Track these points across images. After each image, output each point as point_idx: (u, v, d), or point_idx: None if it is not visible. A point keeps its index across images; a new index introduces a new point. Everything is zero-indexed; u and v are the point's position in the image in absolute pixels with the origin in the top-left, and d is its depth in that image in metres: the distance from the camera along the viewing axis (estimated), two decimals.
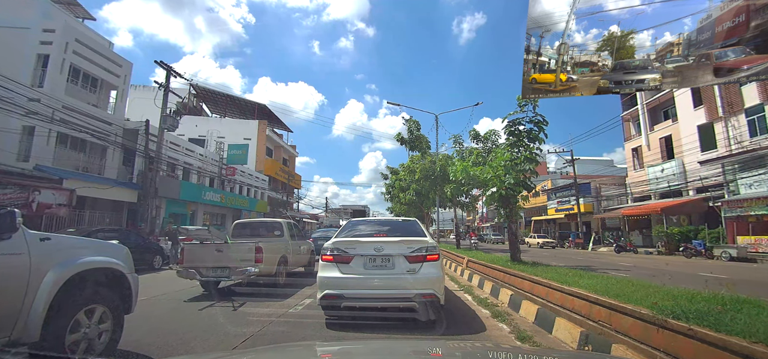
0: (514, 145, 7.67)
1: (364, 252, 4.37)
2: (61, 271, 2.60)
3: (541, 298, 4.34)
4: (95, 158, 17.16)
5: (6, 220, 2.34)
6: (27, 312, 2.38)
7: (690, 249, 18.05)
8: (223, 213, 27.85)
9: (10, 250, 2.37)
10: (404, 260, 4.31)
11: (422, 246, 4.36)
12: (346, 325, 4.34)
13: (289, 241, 8.12)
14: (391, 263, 4.33)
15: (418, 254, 4.29)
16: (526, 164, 7.49)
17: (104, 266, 3.03)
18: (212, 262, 6.34)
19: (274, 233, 8.22)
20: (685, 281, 8.39)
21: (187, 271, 6.38)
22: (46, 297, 2.46)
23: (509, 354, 1.66)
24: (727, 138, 21.10)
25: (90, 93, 17.56)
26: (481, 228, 58.41)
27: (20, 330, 2.35)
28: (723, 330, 2.13)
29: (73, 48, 15.86)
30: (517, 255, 7.91)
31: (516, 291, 5.24)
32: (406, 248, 4.35)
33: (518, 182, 7.49)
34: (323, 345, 2.73)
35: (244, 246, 6.52)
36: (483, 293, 6.43)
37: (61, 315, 2.58)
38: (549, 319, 3.85)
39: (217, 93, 38.23)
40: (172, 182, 20.42)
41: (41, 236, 2.64)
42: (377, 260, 4.35)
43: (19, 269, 2.40)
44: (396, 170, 29.26)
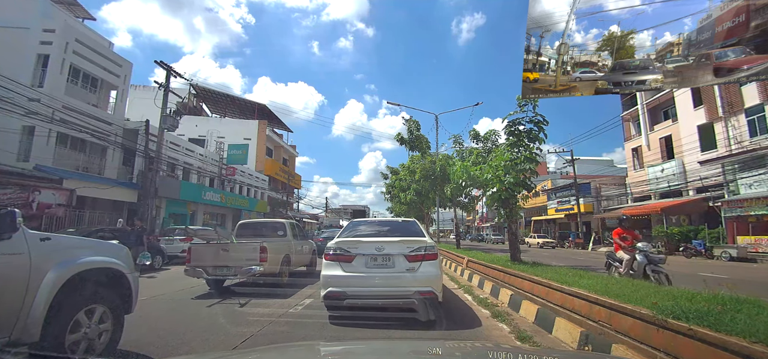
0: (514, 145, 7.64)
1: (365, 252, 4.49)
2: (61, 271, 2.59)
3: (541, 298, 4.33)
4: (95, 158, 17.16)
5: (6, 220, 2.34)
6: (27, 312, 2.37)
7: (690, 249, 18.04)
8: (223, 213, 27.84)
9: (11, 250, 2.37)
10: (404, 259, 4.43)
11: (421, 246, 4.48)
12: (347, 323, 4.34)
13: (292, 241, 8.26)
14: (391, 262, 4.45)
15: (417, 254, 4.42)
16: (526, 163, 7.47)
17: (104, 266, 3.01)
18: (218, 261, 6.51)
19: (278, 233, 8.34)
20: (685, 281, 8.38)
21: (194, 270, 6.56)
22: (46, 297, 2.45)
23: (509, 354, 1.67)
24: (727, 138, 21.09)
25: (90, 93, 17.56)
26: (481, 228, 58.41)
27: (20, 330, 2.35)
28: (723, 330, 2.13)
29: (73, 48, 15.86)
30: (517, 255, 7.90)
31: (516, 290, 5.24)
32: (406, 247, 4.48)
33: (518, 182, 7.47)
34: (323, 345, 2.75)
35: (248, 246, 6.61)
36: (483, 293, 6.43)
37: (61, 315, 2.57)
38: (549, 319, 3.85)
39: (217, 93, 38.21)
40: (172, 182, 20.42)
41: (41, 236, 2.63)
42: (378, 259, 4.47)
43: (20, 269, 2.39)
44: (396, 170, 29.27)
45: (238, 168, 27.95)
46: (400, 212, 33.70)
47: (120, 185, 17.04)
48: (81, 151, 16.70)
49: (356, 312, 4.29)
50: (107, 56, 17.79)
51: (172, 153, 20.65)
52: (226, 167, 26.53)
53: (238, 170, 27.94)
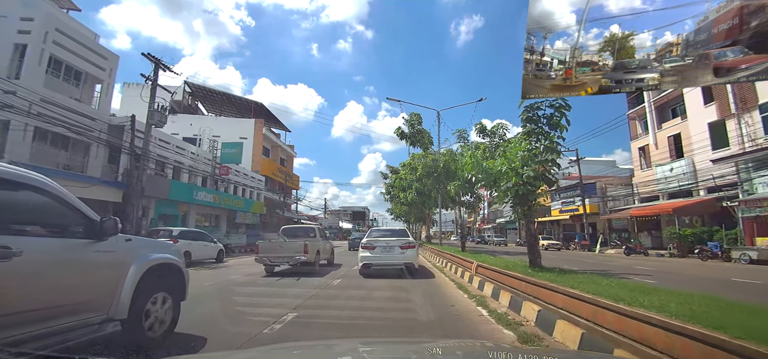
0: (531, 133, 6.69)
1: (379, 244, 9.64)
2: (140, 265, 3.21)
3: (587, 319, 3.39)
4: (78, 156, 16.20)
5: (111, 225, 2.93)
6: (118, 296, 3.00)
7: (705, 252, 17.12)
8: (217, 214, 26.82)
9: (109, 248, 2.97)
10: (399, 248, 9.59)
11: (407, 241, 9.88)
12: (371, 277, 9.09)
13: (319, 240, 11.36)
14: (392, 249, 9.57)
15: (405, 245, 9.68)
16: (547, 154, 6.53)
17: (167, 262, 3.61)
18: (276, 253, 9.90)
19: (310, 235, 11.29)
20: (720, 288, 7.49)
21: (260, 258, 9.94)
22: (131, 285, 3.08)
23: (509, 354, 1.68)
24: (740, 135, 20.26)
25: (73, 87, 16.60)
26: (482, 230, 57.36)
27: (114, 310, 2.97)
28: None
29: (54, 38, 14.90)
30: (537, 260, 6.89)
31: (544, 305, 4.28)
32: (399, 242, 9.73)
33: (538, 176, 6.54)
34: (325, 345, 2.86)
35: (296, 243, 9.99)
36: (500, 306, 5.46)
37: (140, 300, 3.17)
38: (602, 347, 2.92)
39: (213, 91, 37.30)
40: (160, 181, 19.43)
41: (126, 238, 3.27)
42: (386, 247, 9.59)
43: (115, 263, 3.05)
44: (396, 169, 28.35)
45: (232, 168, 26.94)
46: (400, 213, 32.75)
47: (103, 183, 16.05)
48: (63, 148, 15.75)
49: (374, 271, 9.46)
50: (92, 48, 16.81)
51: (162, 151, 19.67)
52: (219, 166, 25.48)
53: (232, 169, 26.92)
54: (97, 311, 2.85)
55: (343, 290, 7.40)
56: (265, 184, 34.51)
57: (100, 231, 2.86)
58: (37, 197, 2.53)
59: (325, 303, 6.06)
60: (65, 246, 2.72)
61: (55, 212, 2.68)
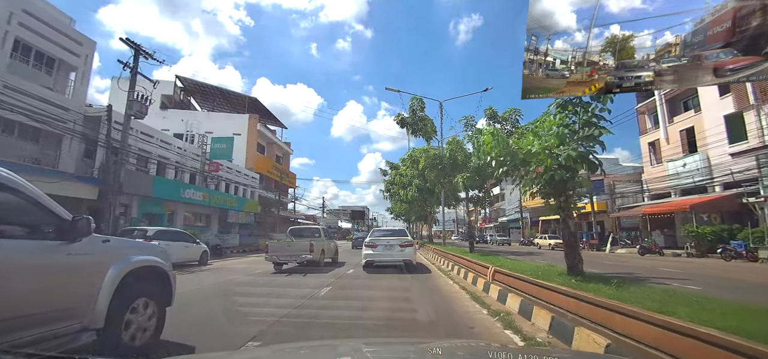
0: (564, 105, 5.37)
1: (381, 243, 10.93)
2: (119, 268, 2.98)
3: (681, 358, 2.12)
4: (49, 149, 14.85)
5: (84, 225, 2.68)
6: (95, 303, 2.76)
7: (729, 251, 15.92)
8: (207, 213, 25.46)
9: (83, 251, 2.75)
10: (398, 245, 10.79)
11: (406, 240, 11.13)
12: (372, 272, 10.19)
13: (324, 240, 12.27)
14: (392, 247, 10.80)
15: (404, 243, 10.89)
16: (588, 129, 5.21)
17: (150, 264, 3.38)
18: (284, 251, 10.73)
19: (315, 235, 12.17)
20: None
21: (270, 256, 10.72)
22: (108, 291, 2.85)
23: (509, 354, 1.71)
24: (759, 128, 19.10)
25: (45, 75, 15.23)
26: (484, 229, 56.10)
27: (89, 317, 2.73)
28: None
29: (19, 19, 13.55)
30: (578, 265, 5.48)
31: (616, 338, 3.00)
32: (399, 241, 10.98)
33: (580, 157, 5.20)
34: (326, 345, 2.83)
35: (303, 242, 10.93)
36: (536, 328, 4.13)
37: (119, 306, 2.94)
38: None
39: (205, 86, 35.95)
40: (142, 178, 18.06)
41: (103, 239, 3.09)
42: (387, 246, 10.82)
43: (91, 267, 2.83)
44: (396, 165, 27.07)
45: (224, 164, 25.57)
46: (400, 211, 31.48)
47: (76, 179, 14.69)
48: (32, 140, 14.41)
49: (375, 268, 10.60)
50: (65, 33, 15.44)
51: (145, 145, 18.31)
52: (208, 162, 24.08)
53: (224, 166, 25.55)
54: (71, 320, 2.60)
55: (338, 293, 6.57)
56: (259, 182, 33.15)
57: (72, 232, 2.63)
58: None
59: (315, 312, 5.40)
60: (32, 249, 2.49)
61: (21, 211, 2.44)
